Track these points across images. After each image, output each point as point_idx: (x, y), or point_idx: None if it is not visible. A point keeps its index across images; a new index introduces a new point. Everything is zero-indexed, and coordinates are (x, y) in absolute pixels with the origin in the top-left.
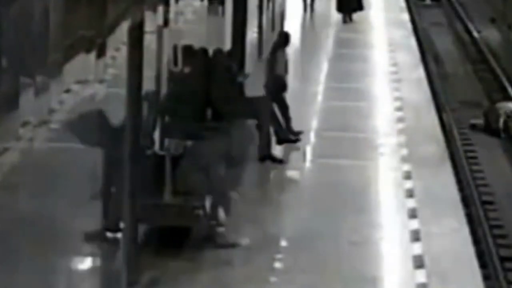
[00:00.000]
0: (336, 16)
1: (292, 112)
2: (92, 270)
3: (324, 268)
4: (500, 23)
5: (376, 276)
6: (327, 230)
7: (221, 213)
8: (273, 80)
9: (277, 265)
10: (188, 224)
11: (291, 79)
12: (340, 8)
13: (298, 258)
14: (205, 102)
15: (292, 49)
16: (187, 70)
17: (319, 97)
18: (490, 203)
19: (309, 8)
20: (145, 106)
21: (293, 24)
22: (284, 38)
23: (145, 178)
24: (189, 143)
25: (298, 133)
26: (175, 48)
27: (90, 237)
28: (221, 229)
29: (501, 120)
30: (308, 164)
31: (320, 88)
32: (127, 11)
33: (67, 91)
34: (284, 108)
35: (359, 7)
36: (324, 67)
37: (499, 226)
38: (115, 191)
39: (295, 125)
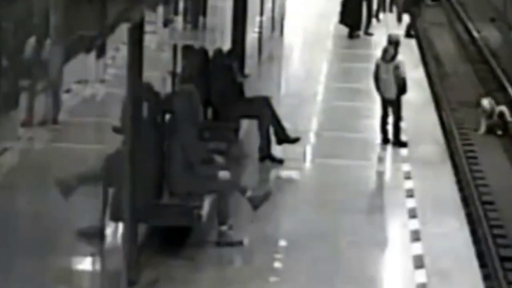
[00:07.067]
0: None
1: (292, 112)
2: (92, 269)
3: (324, 268)
4: (500, 23)
5: (376, 276)
6: (327, 230)
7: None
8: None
9: (277, 265)
10: (188, 224)
11: (290, 80)
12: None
13: (297, 258)
14: (205, 102)
15: (292, 47)
16: (187, 70)
17: (319, 97)
18: (490, 203)
19: None
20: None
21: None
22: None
23: (145, 178)
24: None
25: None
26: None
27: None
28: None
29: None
30: (308, 164)
31: (320, 88)
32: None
33: (67, 91)
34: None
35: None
36: (324, 67)
37: (499, 226)
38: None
39: (296, 125)
